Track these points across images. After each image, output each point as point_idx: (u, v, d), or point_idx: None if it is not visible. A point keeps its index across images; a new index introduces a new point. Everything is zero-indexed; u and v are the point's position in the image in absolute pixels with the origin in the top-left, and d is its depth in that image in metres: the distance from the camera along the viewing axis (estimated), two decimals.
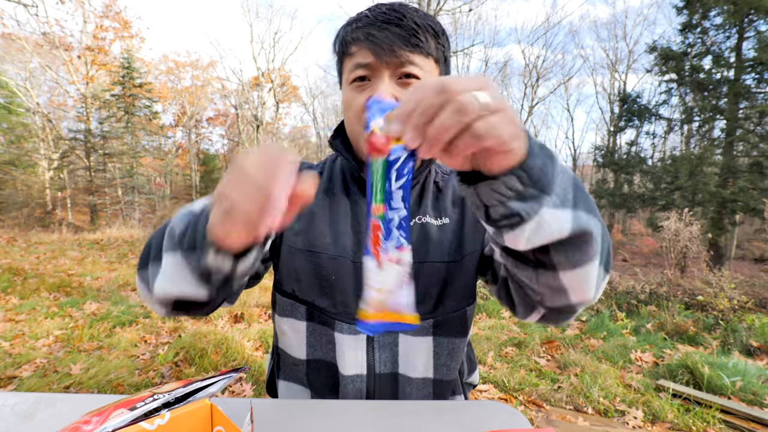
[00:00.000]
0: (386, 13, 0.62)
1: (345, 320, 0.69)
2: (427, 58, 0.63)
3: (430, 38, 0.64)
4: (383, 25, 0.61)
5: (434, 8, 7.98)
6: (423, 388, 0.72)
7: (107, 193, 17.49)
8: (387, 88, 0.61)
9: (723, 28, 8.56)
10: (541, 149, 0.41)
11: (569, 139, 32.41)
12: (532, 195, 0.41)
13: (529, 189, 0.40)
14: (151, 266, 0.54)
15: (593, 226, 0.45)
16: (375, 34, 0.61)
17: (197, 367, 2.69)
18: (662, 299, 4.61)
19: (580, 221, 0.43)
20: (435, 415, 0.61)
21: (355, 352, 0.69)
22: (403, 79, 0.63)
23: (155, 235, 0.56)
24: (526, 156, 0.40)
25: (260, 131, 18.75)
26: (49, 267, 6.17)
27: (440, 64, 0.67)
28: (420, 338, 0.70)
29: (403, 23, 0.61)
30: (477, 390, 2.51)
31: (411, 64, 0.62)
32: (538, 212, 0.41)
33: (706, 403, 2.27)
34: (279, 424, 0.57)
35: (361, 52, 0.63)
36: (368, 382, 0.70)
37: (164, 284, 0.51)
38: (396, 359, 0.70)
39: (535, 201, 0.41)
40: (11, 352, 2.86)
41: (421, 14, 0.64)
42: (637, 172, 10.17)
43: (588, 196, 0.46)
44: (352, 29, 0.64)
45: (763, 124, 8.20)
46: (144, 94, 18.60)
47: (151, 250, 0.55)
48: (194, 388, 0.38)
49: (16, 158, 16.03)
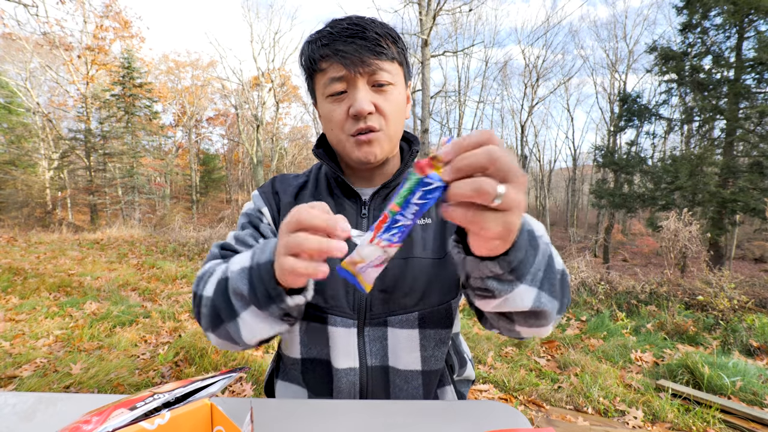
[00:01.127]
0: (348, 27, 0.66)
1: (337, 314, 0.71)
2: (392, 63, 0.69)
3: (391, 44, 0.69)
4: (348, 39, 0.65)
5: (434, 8, 7.98)
6: (412, 380, 0.73)
7: (107, 193, 17.50)
8: (365, 96, 0.66)
9: (723, 28, 8.56)
10: (529, 240, 0.48)
11: (569, 139, 32.43)
12: (508, 280, 0.48)
13: (507, 275, 0.48)
14: (227, 325, 0.60)
15: (550, 306, 0.54)
16: (342, 48, 0.65)
17: (197, 367, 2.69)
18: (662, 299, 4.62)
19: (540, 300, 0.52)
20: (435, 415, 0.61)
21: (347, 343, 0.71)
22: (377, 87, 0.67)
23: (214, 298, 0.61)
24: (511, 248, 0.45)
25: (260, 131, 18.75)
26: (49, 267, 6.17)
27: (403, 66, 0.73)
28: (407, 331, 0.72)
29: (367, 35, 0.65)
30: (477, 390, 2.51)
31: (381, 70, 0.67)
32: (510, 292, 0.49)
33: (706, 403, 2.27)
34: (279, 424, 0.57)
35: (333, 67, 0.66)
36: (361, 376, 0.72)
37: (253, 334, 0.60)
38: (386, 351, 0.72)
39: (510, 284, 0.49)
40: (11, 351, 2.86)
41: (378, 24, 0.69)
42: (637, 172, 10.16)
43: (554, 273, 0.54)
44: (317, 47, 0.67)
45: (763, 124, 8.20)
46: (144, 94, 18.61)
47: (219, 312, 0.60)
48: (194, 388, 0.38)
49: (17, 158, 16.03)
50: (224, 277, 0.60)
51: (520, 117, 20.06)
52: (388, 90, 0.68)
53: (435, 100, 19.53)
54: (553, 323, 0.59)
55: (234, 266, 0.59)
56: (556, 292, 0.54)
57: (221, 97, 26.24)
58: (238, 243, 0.73)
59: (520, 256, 0.46)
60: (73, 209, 19.62)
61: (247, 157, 25.62)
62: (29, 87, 16.95)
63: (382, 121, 0.69)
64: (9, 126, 16.03)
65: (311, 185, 0.81)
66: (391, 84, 0.69)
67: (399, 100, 0.71)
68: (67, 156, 18.45)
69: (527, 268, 0.48)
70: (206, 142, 30.30)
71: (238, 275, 0.57)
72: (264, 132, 20.53)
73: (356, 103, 0.65)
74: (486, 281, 0.49)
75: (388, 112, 0.69)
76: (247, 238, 0.73)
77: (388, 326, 0.72)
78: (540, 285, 0.51)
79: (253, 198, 0.82)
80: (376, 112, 0.68)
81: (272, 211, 0.78)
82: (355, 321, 0.71)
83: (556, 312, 0.56)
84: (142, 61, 20.07)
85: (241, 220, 0.80)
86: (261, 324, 0.58)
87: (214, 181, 30.24)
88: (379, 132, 0.69)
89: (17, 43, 16.21)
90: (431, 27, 8.08)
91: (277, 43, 20.39)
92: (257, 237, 0.74)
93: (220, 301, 0.60)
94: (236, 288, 0.57)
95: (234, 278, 0.58)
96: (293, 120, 32.86)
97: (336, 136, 0.71)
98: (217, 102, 28.01)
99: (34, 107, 16.97)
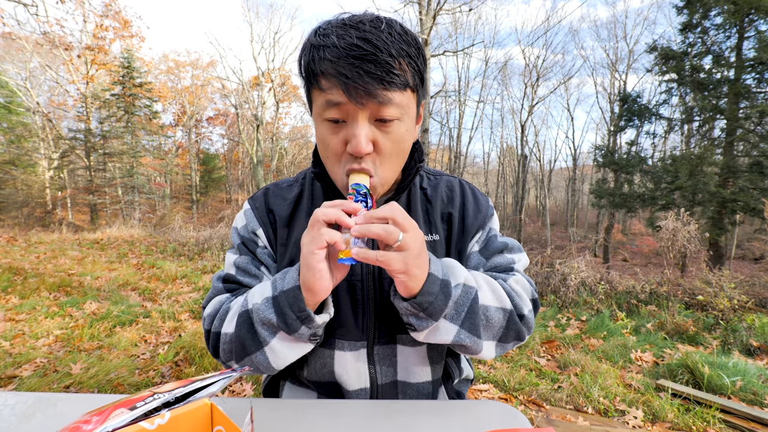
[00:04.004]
0: (358, 45, 0.55)
1: (345, 338, 0.70)
2: (404, 91, 0.60)
3: (407, 66, 0.59)
4: (355, 62, 0.55)
5: (434, 8, 7.97)
6: (424, 389, 0.74)
7: (107, 193, 17.50)
8: (364, 132, 0.59)
9: (723, 27, 8.55)
10: (441, 288, 0.57)
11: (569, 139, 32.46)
12: (423, 318, 0.58)
13: (421, 314, 0.58)
14: (253, 356, 0.63)
15: (470, 342, 0.61)
16: (347, 73, 0.55)
17: (197, 367, 2.69)
18: (662, 299, 4.62)
19: (460, 336, 0.61)
20: (435, 415, 0.61)
21: (357, 368, 0.70)
22: (379, 122, 0.60)
23: (238, 332, 0.63)
24: (420, 292, 0.56)
25: (260, 131, 18.74)
26: (49, 266, 6.17)
27: (417, 90, 0.64)
28: (416, 348, 0.73)
29: (379, 58, 0.55)
30: (477, 390, 2.51)
31: (388, 104, 0.58)
32: (428, 328, 0.59)
33: (706, 402, 2.27)
34: (279, 423, 0.57)
35: (333, 90, 0.57)
36: (371, 394, 0.72)
37: (282, 359, 0.63)
38: (395, 369, 0.72)
39: (426, 321, 0.59)
40: (11, 351, 2.86)
41: (395, 38, 0.57)
42: (637, 171, 10.14)
43: (476, 314, 0.61)
44: (319, 58, 0.58)
45: (763, 124, 8.19)
46: (144, 94, 18.60)
47: (245, 345, 0.62)
48: (194, 388, 0.38)
49: (16, 158, 16.03)
50: (245, 310, 0.62)
51: (520, 117, 20.05)
52: (392, 125, 0.61)
53: (435, 100, 19.52)
54: (494, 353, 0.66)
55: (255, 298, 0.62)
56: (477, 331, 0.61)
57: (221, 97, 26.24)
58: (239, 272, 0.72)
59: (429, 299, 0.56)
60: (73, 209, 19.62)
61: (247, 157, 25.63)
62: (29, 87, 16.94)
63: (376, 164, 0.63)
64: (9, 126, 16.01)
65: (306, 198, 0.77)
66: (397, 119, 0.60)
67: (404, 134, 0.63)
68: (67, 156, 18.44)
69: (437, 310, 0.57)
70: (206, 141, 30.30)
71: (264, 306, 0.60)
72: (264, 132, 20.52)
73: (353, 140, 0.59)
74: (408, 317, 0.60)
75: (388, 152, 0.62)
76: (248, 266, 0.73)
77: (397, 344, 0.72)
78: (461, 324, 0.60)
79: (245, 214, 0.77)
80: (374, 151, 0.62)
81: (267, 233, 0.75)
82: (364, 342, 0.70)
83: (490, 348, 0.64)
84: (142, 60, 20.06)
85: (234, 240, 0.77)
86: (289, 348, 0.62)
87: (214, 180, 30.24)
88: (371, 178, 0.63)
89: (17, 43, 16.20)
90: (431, 27, 8.08)
91: (277, 43, 20.41)
92: (258, 265, 0.73)
93: (245, 334, 0.61)
94: (263, 318, 0.60)
95: (259, 309, 0.60)
96: (293, 120, 32.90)
97: (330, 165, 0.66)
98: (217, 102, 28.01)
99: (34, 107, 16.96)
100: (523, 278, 0.72)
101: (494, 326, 0.64)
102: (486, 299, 0.63)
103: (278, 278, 0.61)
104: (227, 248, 8.14)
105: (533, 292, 0.72)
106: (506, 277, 0.71)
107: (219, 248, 8.37)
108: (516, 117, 22.57)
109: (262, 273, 0.73)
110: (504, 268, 0.74)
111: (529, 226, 23.98)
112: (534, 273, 5.70)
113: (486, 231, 0.78)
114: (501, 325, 0.64)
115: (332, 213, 0.54)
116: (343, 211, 0.54)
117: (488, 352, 0.64)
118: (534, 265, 6.06)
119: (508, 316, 0.64)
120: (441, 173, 0.84)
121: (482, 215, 0.78)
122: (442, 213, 0.77)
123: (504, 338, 0.65)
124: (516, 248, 0.78)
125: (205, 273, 6.14)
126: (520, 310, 0.66)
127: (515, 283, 0.69)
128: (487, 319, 0.63)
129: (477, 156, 42.12)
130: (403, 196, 0.76)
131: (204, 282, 5.44)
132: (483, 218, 0.78)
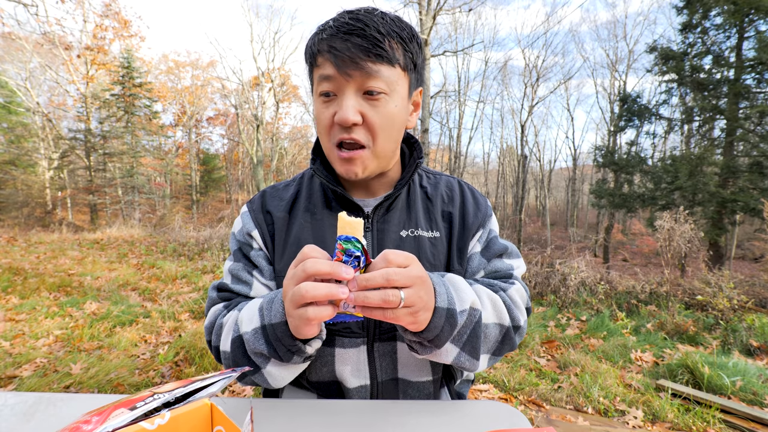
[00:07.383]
0: (349, 23, 0.60)
1: (345, 335, 0.70)
2: (393, 67, 0.62)
3: (397, 45, 0.62)
4: (345, 36, 0.60)
5: (434, 8, 7.97)
6: (424, 388, 0.74)
7: (107, 193, 17.49)
8: (352, 104, 0.61)
9: (723, 28, 8.55)
10: (446, 318, 0.56)
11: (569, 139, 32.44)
12: (427, 347, 0.59)
13: (424, 343, 0.58)
14: (253, 377, 0.64)
15: (468, 365, 0.62)
16: (337, 45, 0.60)
17: (197, 367, 2.69)
18: (662, 299, 4.62)
19: (460, 359, 0.61)
20: (435, 415, 0.61)
21: (357, 363, 0.71)
22: (368, 95, 0.62)
23: (234, 356, 0.63)
24: (425, 329, 0.55)
25: (260, 131, 18.74)
26: (49, 267, 6.17)
27: (409, 71, 0.66)
28: None
29: (366, 32, 0.59)
30: (477, 390, 2.51)
31: (376, 76, 0.61)
32: (431, 353, 0.59)
33: (706, 402, 2.27)
34: (279, 423, 0.57)
35: (325, 65, 0.62)
36: (372, 392, 0.72)
37: (281, 381, 0.64)
38: (396, 365, 0.72)
39: (430, 349, 0.59)
40: (11, 351, 2.86)
41: (387, 21, 0.62)
42: (637, 172, 10.13)
43: (477, 338, 0.61)
44: (318, 40, 0.63)
45: (763, 124, 8.19)
46: (144, 94, 18.60)
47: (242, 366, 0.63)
48: (194, 388, 0.38)
49: (16, 158, 16.03)
50: (238, 336, 0.62)
51: (520, 117, 20.03)
52: (380, 99, 0.62)
53: (435, 100, 19.51)
54: (486, 365, 0.68)
55: (245, 326, 0.61)
56: (477, 353, 0.62)
57: (221, 97, 26.23)
58: (233, 280, 0.73)
59: (434, 332, 0.56)
60: (73, 209, 19.61)
61: (247, 157, 25.62)
62: (29, 87, 16.93)
63: (368, 135, 0.64)
64: (9, 126, 16.02)
65: (304, 197, 0.77)
66: (385, 93, 0.62)
67: (394, 111, 0.64)
68: (67, 156, 18.44)
69: (442, 339, 0.57)
70: (206, 141, 30.28)
71: (253, 337, 0.59)
72: (264, 132, 20.52)
73: (341, 110, 0.61)
74: (412, 344, 0.61)
75: (378, 125, 0.63)
76: (240, 273, 0.73)
77: (397, 341, 0.72)
78: (462, 347, 0.60)
79: (242, 216, 0.78)
80: (363, 124, 0.63)
81: (262, 233, 0.75)
82: (365, 338, 0.70)
83: (483, 362, 0.66)
84: (142, 60, 20.06)
85: (232, 246, 0.78)
86: (286, 370, 0.63)
87: (214, 180, 30.23)
88: (363, 150, 0.64)
89: (17, 43, 16.20)
90: (431, 27, 8.08)
91: (277, 43, 20.40)
92: (250, 269, 0.74)
93: (241, 359, 0.62)
94: (255, 349, 0.60)
95: (250, 340, 0.60)
96: (293, 120, 32.90)
97: (323, 143, 0.69)
98: (217, 102, 28.00)
99: (33, 107, 16.95)
100: (521, 287, 0.74)
101: (490, 341, 0.65)
102: (488, 318, 0.64)
103: (265, 306, 0.59)
104: (227, 248, 8.15)
105: (528, 300, 0.75)
106: (507, 287, 0.71)
107: (219, 248, 8.37)
108: (516, 117, 22.56)
109: (253, 279, 0.73)
110: (503, 274, 0.75)
111: (529, 226, 23.98)
112: (534, 273, 5.70)
113: (487, 230, 0.78)
114: (497, 339, 0.65)
115: (322, 288, 0.47)
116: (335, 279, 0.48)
117: (482, 365, 0.66)
118: (534, 265, 6.05)
119: (504, 331, 0.66)
120: (440, 173, 0.85)
121: (482, 214, 0.79)
122: (443, 212, 0.78)
123: (498, 351, 0.67)
124: (515, 253, 0.79)
125: (205, 273, 6.13)
126: (517, 322, 0.68)
127: (515, 293, 0.71)
128: (485, 336, 0.63)
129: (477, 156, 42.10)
130: (403, 192, 0.77)
131: (204, 282, 5.44)
132: (483, 217, 0.78)
